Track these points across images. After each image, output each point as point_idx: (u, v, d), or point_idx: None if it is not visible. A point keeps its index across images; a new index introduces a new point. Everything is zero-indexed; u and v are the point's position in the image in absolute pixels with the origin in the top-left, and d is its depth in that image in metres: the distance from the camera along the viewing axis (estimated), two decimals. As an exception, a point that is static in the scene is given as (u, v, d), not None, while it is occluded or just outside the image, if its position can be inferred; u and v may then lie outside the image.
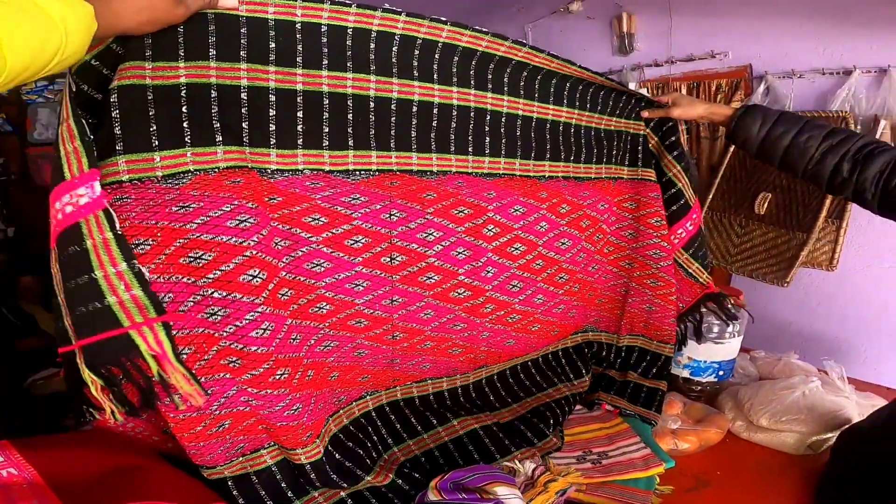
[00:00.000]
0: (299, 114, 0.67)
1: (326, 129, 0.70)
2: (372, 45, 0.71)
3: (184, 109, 0.58)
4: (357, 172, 0.75)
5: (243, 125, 0.63)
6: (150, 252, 0.55)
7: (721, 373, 1.03)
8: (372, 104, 0.74)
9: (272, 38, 0.63)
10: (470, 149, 0.85)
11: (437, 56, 0.78)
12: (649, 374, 1.06)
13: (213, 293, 0.58)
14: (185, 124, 0.58)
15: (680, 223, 1.03)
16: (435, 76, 0.79)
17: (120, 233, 0.49)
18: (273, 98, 0.65)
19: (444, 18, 0.76)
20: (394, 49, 0.73)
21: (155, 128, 0.56)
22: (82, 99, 0.53)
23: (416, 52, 0.75)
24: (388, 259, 0.79)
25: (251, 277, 0.60)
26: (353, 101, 0.72)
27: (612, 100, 0.99)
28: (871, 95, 1.42)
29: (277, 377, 0.64)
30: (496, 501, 0.64)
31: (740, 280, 1.66)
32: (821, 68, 1.54)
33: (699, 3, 1.84)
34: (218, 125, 0.61)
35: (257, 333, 0.61)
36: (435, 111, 0.80)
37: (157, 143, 0.56)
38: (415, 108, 0.78)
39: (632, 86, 1.90)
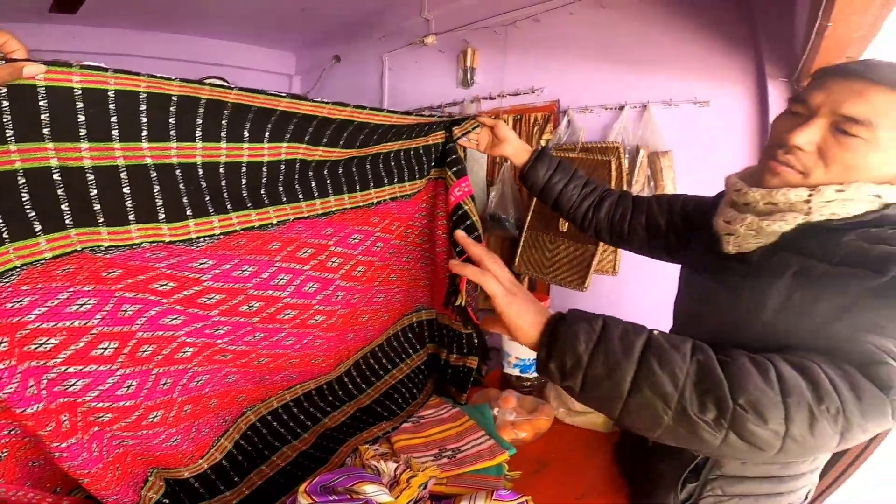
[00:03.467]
0: (125, 190, 0.64)
1: (160, 203, 0.69)
2: (200, 111, 0.69)
3: None
4: (200, 240, 0.75)
5: (62, 208, 0.60)
6: (9, 349, 0.56)
7: (543, 367, 1.22)
8: (200, 171, 0.73)
9: (81, 111, 0.58)
10: (300, 196, 0.90)
11: (272, 119, 0.78)
12: (462, 350, 1.21)
13: (67, 369, 0.63)
14: None
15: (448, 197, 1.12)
16: (266, 135, 0.79)
17: None
18: (91, 177, 0.61)
19: (283, 93, 0.76)
20: (224, 114, 0.72)
21: None
22: None
23: (251, 115, 0.75)
24: (247, 307, 0.84)
25: (103, 350, 0.67)
26: (181, 170, 0.70)
27: (422, 128, 1.04)
28: (636, 128, 1.69)
29: (150, 420, 0.73)
30: (366, 500, 0.67)
31: (555, 288, 1.88)
32: (604, 104, 1.79)
33: (526, 44, 2.05)
34: (34, 214, 0.58)
35: (122, 391, 0.69)
36: (264, 169, 0.82)
37: None
38: (244, 169, 0.79)
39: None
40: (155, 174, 0.68)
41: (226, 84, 0.70)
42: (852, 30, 0.96)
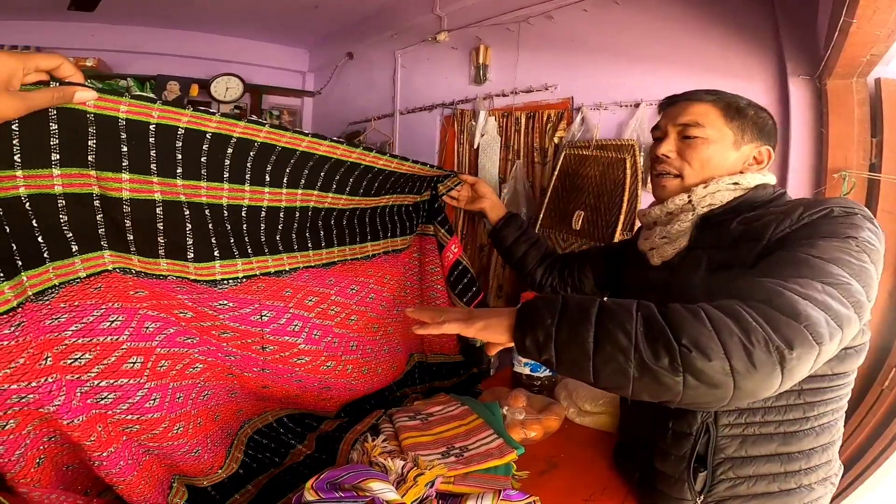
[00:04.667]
0: (159, 225, 0.66)
1: (190, 241, 0.71)
2: (229, 151, 0.71)
3: (33, 223, 0.55)
4: (225, 281, 0.77)
5: (100, 232, 0.62)
6: (53, 364, 0.58)
7: (553, 367, 1.23)
8: (226, 213, 0.75)
9: (124, 142, 0.59)
10: (309, 244, 0.94)
11: (292, 162, 0.80)
12: (459, 373, 1.28)
13: (100, 383, 0.65)
14: (39, 239, 0.56)
15: (443, 255, 1.23)
16: (285, 181, 0.82)
17: None
18: (128, 209, 0.63)
19: (306, 131, 0.79)
20: (251, 155, 0.73)
21: (15, 247, 0.54)
22: None
23: (273, 158, 0.77)
24: (260, 348, 0.86)
25: (131, 364, 0.69)
26: (210, 210, 0.72)
27: (414, 183, 1.12)
28: (651, 126, 1.61)
29: (175, 431, 0.75)
30: (372, 497, 0.67)
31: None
32: (619, 101, 1.75)
33: (539, 41, 2.02)
34: (71, 235, 0.59)
35: (150, 404, 0.71)
36: (281, 215, 0.85)
37: (20, 263, 0.55)
38: (263, 214, 0.81)
39: (482, 114, 2.14)
40: (188, 212, 0.70)
41: (256, 119, 0.71)
42: (877, 27, 0.93)
